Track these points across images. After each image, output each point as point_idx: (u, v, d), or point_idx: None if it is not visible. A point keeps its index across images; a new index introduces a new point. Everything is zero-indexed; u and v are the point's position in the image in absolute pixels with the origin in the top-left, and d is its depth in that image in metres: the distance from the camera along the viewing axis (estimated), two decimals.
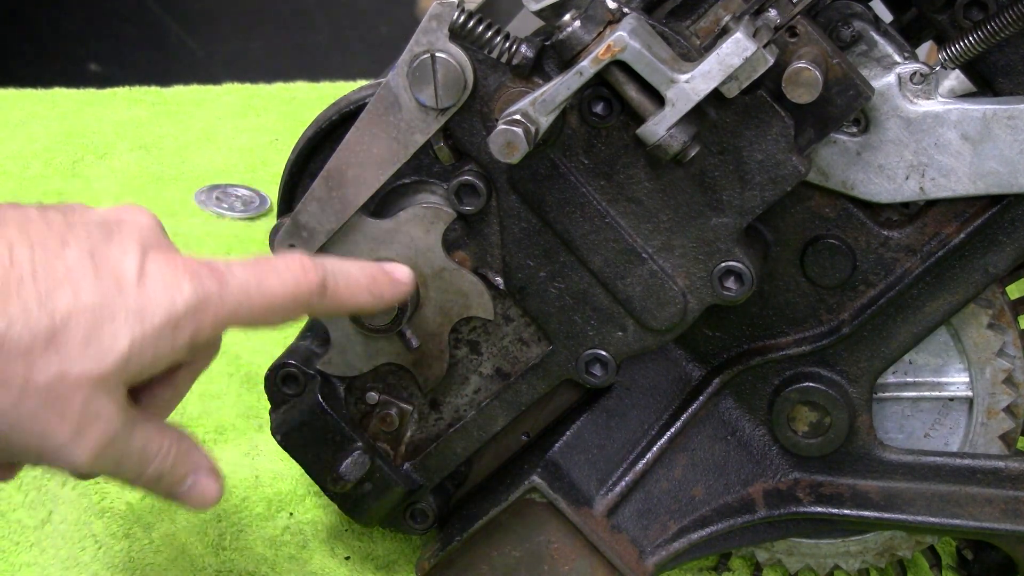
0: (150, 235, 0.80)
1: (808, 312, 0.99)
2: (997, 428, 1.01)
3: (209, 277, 0.79)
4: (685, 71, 0.84)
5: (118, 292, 0.76)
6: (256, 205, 1.58)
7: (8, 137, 1.64)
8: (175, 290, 0.77)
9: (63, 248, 0.76)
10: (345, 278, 0.86)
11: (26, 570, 1.03)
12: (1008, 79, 0.91)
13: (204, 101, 1.80)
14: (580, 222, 0.93)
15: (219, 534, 1.09)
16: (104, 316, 0.75)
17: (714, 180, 0.90)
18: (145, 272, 0.77)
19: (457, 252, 0.96)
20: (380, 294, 0.89)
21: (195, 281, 0.78)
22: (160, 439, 0.82)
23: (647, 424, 1.01)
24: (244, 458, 1.18)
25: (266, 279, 0.81)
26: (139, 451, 0.81)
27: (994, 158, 0.92)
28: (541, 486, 0.98)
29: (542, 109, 0.85)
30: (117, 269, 0.77)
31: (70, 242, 0.77)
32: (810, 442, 1.00)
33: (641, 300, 0.94)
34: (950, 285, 0.96)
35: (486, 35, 0.89)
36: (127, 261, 0.77)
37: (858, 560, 1.07)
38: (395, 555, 1.11)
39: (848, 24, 0.92)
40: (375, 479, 1.00)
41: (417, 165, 0.95)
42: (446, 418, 1.01)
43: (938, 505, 1.00)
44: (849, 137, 0.93)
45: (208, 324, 0.79)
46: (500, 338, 0.98)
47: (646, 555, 1.01)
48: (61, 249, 0.76)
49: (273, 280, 0.81)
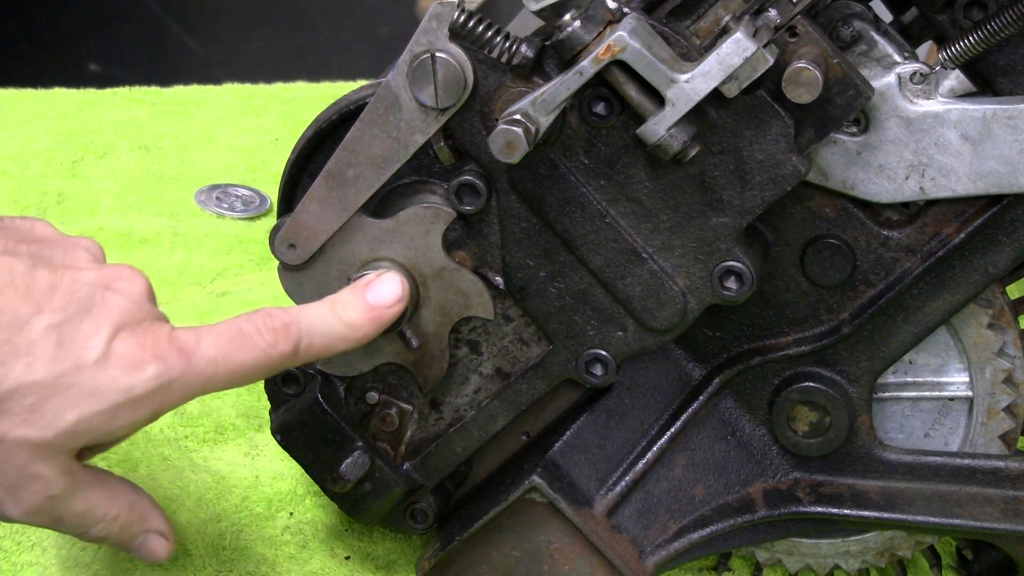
0: (131, 309, 0.82)
1: (808, 312, 0.99)
2: (997, 428, 1.01)
3: (176, 357, 0.81)
4: (685, 71, 0.84)
5: (74, 371, 0.79)
6: (256, 205, 1.58)
7: (8, 137, 1.64)
8: (136, 374, 0.80)
9: (34, 316, 0.79)
10: (321, 335, 0.88)
11: (27, 570, 1.03)
12: (1008, 79, 0.91)
13: (204, 101, 1.80)
14: (580, 222, 0.93)
15: (219, 534, 1.09)
16: (53, 393, 0.79)
17: (714, 180, 0.90)
18: (109, 355, 0.80)
19: (457, 252, 0.96)
20: (359, 338, 0.90)
21: (160, 364, 0.81)
22: (108, 506, 0.85)
23: (647, 424, 1.01)
24: (244, 458, 1.18)
25: (234, 352, 0.83)
26: (81, 514, 0.84)
27: (994, 158, 0.92)
28: (541, 486, 0.98)
29: (542, 109, 0.85)
30: (80, 350, 0.79)
31: (44, 310, 0.79)
32: (810, 442, 1.00)
33: (641, 300, 0.94)
34: (950, 285, 0.96)
35: (486, 35, 0.89)
36: (93, 341, 0.80)
37: (858, 560, 1.07)
38: (395, 555, 1.11)
39: (848, 24, 0.92)
40: (375, 479, 1.00)
41: (417, 165, 0.95)
42: (446, 418, 1.01)
43: (938, 505, 1.00)
44: (849, 137, 0.93)
45: (172, 401, 0.82)
46: (500, 338, 0.98)
47: (646, 555, 1.01)
48: (32, 317, 0.79)
49: (243, 352, 0.84)
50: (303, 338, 0.86)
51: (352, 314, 0.90)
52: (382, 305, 0.91)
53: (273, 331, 0.85)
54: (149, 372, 0.80)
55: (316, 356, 0.88)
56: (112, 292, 0.82)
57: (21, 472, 0.80)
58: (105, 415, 0.80)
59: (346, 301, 0.90)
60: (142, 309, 0.82)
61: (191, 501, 1.12)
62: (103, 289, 0.82)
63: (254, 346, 0.84)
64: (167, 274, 1.43)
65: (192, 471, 1.14)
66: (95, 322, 0.80)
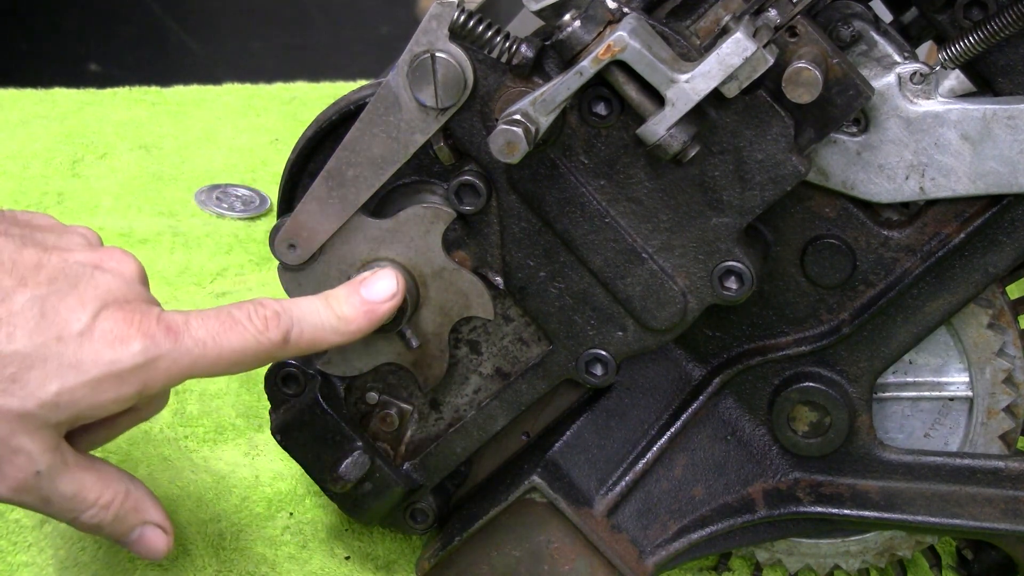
0: (121, 288, 0.82)
1: (808, 312, 0.99)
2: (997, 428, 1.01)
3: (164, 335, 0.81)
4: (685, 71, 0.84)
5: (56, 343, 0.79)
6: (256, 205, 1.58)
7: (8, 137, 1.64)
8: (122, 347, 0.80)
9: (17, 290, 0.79)
10: (312, 326, 0.88)
11: (24, 570, 1.03)
12: (1008, 79, 0.91)
13: (204, 101, 1.80)
14: (580, 222, 0.92)
15: (219, 534, 1.09)
16: (33, 363, 0.78)
17: (714, 180, 0.90)
18: (93, 328, 0.80)
19: (457, 252, 0.96)
20: (351, 331, 0.90)
21: (146, 339, 0.80)
22: (100, 490, 0.85)
23: (647, 424, 1.01)
24: (244, 458, 1.18)
25: (223, 335, 0.83)
26: (70, 496, 0.83)
27: (994, 158, 0.92)
28: (541, 486, 0.98)
29: (542, 109, 0.85)
30: (63, 322, 0.79)
31: (28, 285, 0.79)
32: (810, 442, 1.00)
33: (641, 300, 0.94)
34: (950, 285, 0.96)
35: (486, 35, 0.89)
36: (77, 315, 0.80)
37: (858, 560, 1.07)
38: (395, 555, 1.11)
39: (848, 24, 0.92)
40: (375, 479, 1.00)
41: (417, 165, 0.95)
42: (446, 418, 1.01)
43: (938, 505, 1.00)
44: (849, 137, 0.93)
45: (159, 379, 0.82)
46: (500, 338, 0.98)
47: (646, 555, 1.01)
48: (14, 291, 0.79)
49: (232, 336, 0.84)
50: (294, 327, 0.86)
51: (345, 308, 0.90)
52: (376, 300, 0.91)
53: (264, 318, 0.85)
54: (135, 347, 0.80)
55: (307, 347, 0.88)
56: (101, 271, 0.82)
57: (5, 444, 0.79)
58: (88, 387, 0.79)
59: (340, 295, 0.91)
60: (132, 290, 0.82)
61: (191, 501, 1.12)
62: (92, 268, 0.82)
63: (244, 331, 0.84)
64: (167, 274, 1.43)
65: (192, 471, 1.15)
66: (80, 297, 0.80)
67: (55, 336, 0.79)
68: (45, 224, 0.87)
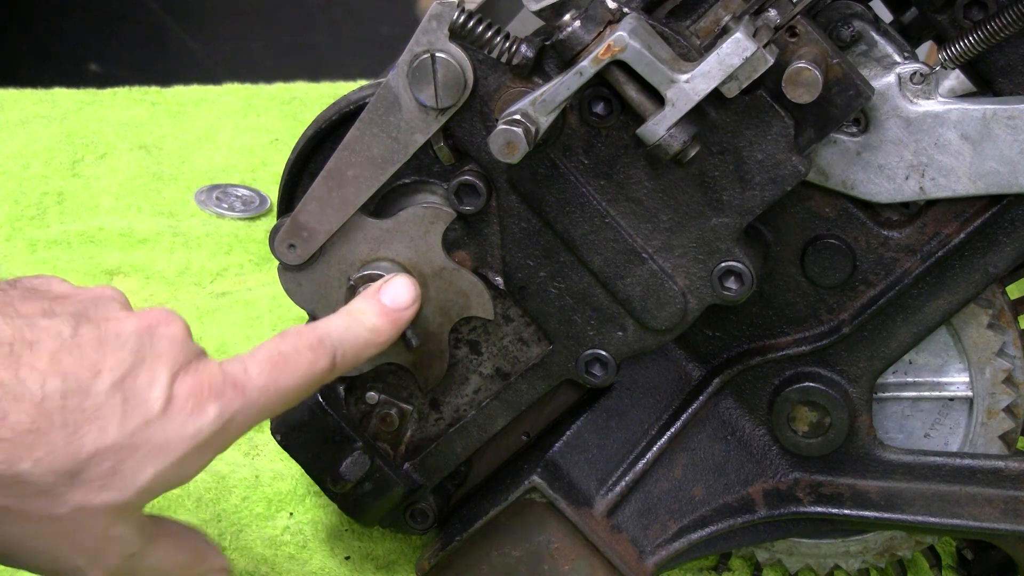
0: (179, 351, 0.81)
1: (808, 312, 0.99)
2: (997, 428, 1.01)
3: (232, 392, 0.81)
4: (685, 71, 0.84)
5: (144, 427, 0.78)
6: (256, 205, 1.58)
7: (8, 137, 1.64)
8: (200, 417, 0.79)
9: (94, 379, 0.77)
10: (351, 345, 0.88)
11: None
12: (1008, 79, 0.91)
13: (204, 101, 1.80)
14: (580, 222, 0.93)
15: (219, 534, 1.09)
16: (129, 452, 0.77)
17: (714, 180, 0.90)
18: (172, 402, 0.79)
19: (457, 252, 0.96)
20: (382, 342, 0.90)
21: (220, 402, 0.80)
22: (176, 553, 0.85)
23: (647, 424, 1.01)
24: (244, 458, 1.18)
25: (281, 376, 0.83)
26: (155, 568, 0.83)
27: (994, 158, 0.92)
28: (541, 486, 0.98)
29: (542, 109, 0.85)
30: (144, 403, 0.78)
31: (102, 371, 0.78)
32: (810, 442, 1.00)
33: (641, 300, 0.94)
34: (950, 285, 0.96)
35: (486, 35, 0.89)
36: (155, 392, 0.79)
37: (858, 560, 1.07)
38: (395, 555, 1.11)
39: (848, 24, 0.92)
40: (375, 479, 1.00)
41: (417, 165, 0.95)
42: (446, 418, 1.01)
43: (938, 505, 1.00)
44: (849, 137, 0.93)
45: (233, 437, 0.82)
46: (500, 338, 0.98)
47: (646, 555, 1.01)
48: (92, 380, 0.77)
49: (287, 375, 0.83)
50: (336, 350, 0.86)
51: (373, 319, 0.90)
52: (399, 307, 0.91)
53: (311, 349, 0.85)
54: (211, 413, 0.80)
55: (349, 367, 0.88)
56: (157, 337, 0.81)
57: (102, 537, 0.79)
58: (177, 466, 0.79)
59: (364, 308, 0.91)
60: (187, 348, 0.81)
61: (191, 501, 1.12)
62: (148, 336, 0.80)
63: (297, 367, 0.84)
64: (167, 274, 1.43)
65: None
66: (151, 371, 0.79)
67: (143, 421, 0.78)
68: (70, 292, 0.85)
